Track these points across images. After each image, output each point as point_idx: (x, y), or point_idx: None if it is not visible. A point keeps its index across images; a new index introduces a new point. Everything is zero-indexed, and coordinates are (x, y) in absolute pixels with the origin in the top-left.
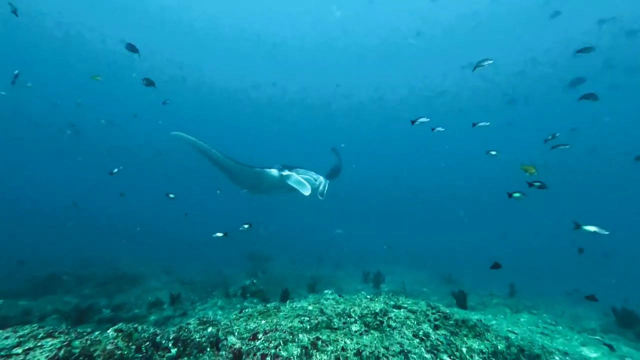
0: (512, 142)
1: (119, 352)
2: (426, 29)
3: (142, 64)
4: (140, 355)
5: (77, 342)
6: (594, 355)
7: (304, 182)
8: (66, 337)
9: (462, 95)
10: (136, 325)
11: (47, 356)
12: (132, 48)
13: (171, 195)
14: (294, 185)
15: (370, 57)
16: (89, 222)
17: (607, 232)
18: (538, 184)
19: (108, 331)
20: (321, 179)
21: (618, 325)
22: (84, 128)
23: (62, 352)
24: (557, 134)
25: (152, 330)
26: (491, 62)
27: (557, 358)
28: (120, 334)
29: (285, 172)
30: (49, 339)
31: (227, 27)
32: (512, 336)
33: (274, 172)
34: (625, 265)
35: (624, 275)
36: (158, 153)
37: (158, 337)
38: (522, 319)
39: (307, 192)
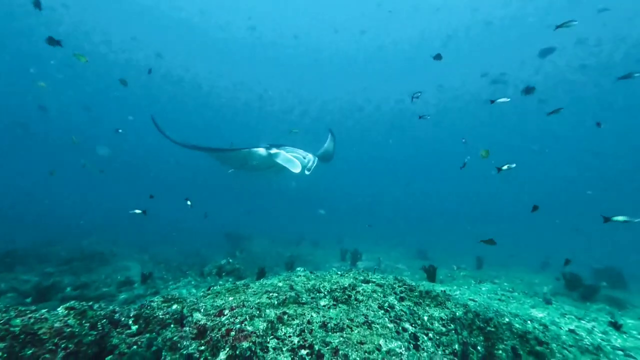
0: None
1: (69, 329)
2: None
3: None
4: (95, 333)
5: (17, 321)
6: (540, 315)
7: (293, 159)
8: (3, 315)
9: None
10: (91, 302)
11: None
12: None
13: (189, 203)
14: (283, 163)
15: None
16: (57, 199)
17: (638, 220)
18: (505, 167)
19: (58, 309)
20: (310, 156)
21: (566, 288)
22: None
23: None
24: (533, 87)
25: (110, 307)
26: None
27: (507, 319)
28: (72, 311)
29: (274, 150)
30: None
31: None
32: (471, 304)
33: (262, 151)
34: (591, 237)
35: (591, 245)
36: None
37: (117, 315)
38: (483, 288)
39: (297, 169)
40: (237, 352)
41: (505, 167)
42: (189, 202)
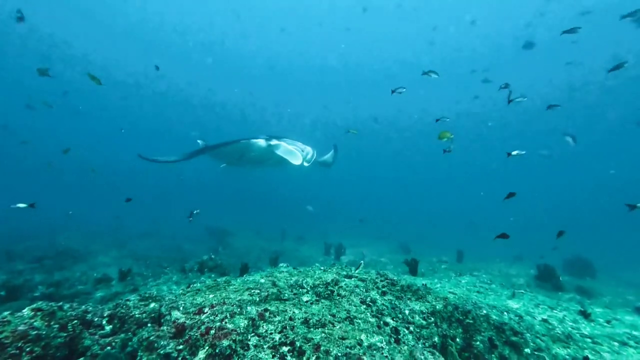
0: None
1: (35, 332)
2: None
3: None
4: (65, 334)
5: None
6: (516, 306)
7: (294, 150)
8: None
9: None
10: (61, 303)
11: None
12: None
13: (195, 212)
14: (284, 155)
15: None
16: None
17: None
18: (515, 153)
19: (23, 310)
20: (308, 148)
21: (540, 279)
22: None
23: None
24: (509, 84)
25: (82, 307)
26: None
27: (484, 311)
28: (39, 312)
29: (274, 142)
30: None
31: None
32: (451, 296)
33: (262, 142)
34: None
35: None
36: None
37: (89, 315)
38: (463, 281)
39: (297, 161)
40: (217, 351)
41: (515, 153)
42: (191, 218)
